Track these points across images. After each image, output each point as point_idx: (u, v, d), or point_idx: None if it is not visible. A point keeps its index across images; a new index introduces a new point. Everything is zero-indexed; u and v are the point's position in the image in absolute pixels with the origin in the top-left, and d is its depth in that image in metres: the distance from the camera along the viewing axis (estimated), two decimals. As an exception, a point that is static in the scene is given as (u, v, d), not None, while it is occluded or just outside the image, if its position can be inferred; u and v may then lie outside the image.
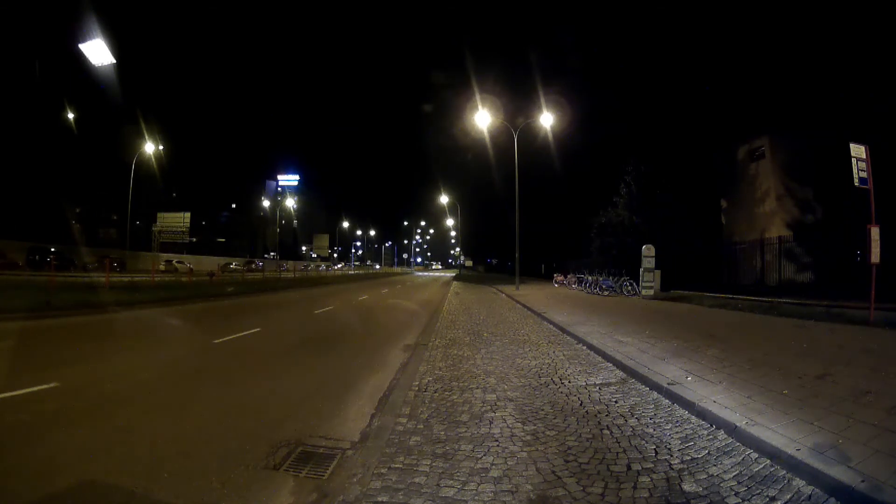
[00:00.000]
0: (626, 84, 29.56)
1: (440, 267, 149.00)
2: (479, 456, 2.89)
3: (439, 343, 7.10)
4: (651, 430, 3.28)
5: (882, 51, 14.60)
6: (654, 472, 2.61)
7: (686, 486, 2.43)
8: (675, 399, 3.90)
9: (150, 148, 37.33)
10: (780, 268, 13.21)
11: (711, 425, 3.30)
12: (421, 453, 2.94)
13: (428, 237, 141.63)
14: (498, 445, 3.05)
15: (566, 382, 4.68)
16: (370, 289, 24.62)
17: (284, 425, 3.57)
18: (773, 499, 2.29)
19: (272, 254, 71.05)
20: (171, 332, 8.80)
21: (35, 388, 4.21)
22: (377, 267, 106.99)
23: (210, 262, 43.21)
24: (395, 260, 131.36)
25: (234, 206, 78.02)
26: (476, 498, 2.38)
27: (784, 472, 2.55)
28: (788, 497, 2.30)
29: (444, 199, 56.45)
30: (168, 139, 43.71)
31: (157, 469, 2.75)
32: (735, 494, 2.33)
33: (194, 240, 50.77)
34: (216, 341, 7.16)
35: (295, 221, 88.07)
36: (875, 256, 7.14)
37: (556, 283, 24.72)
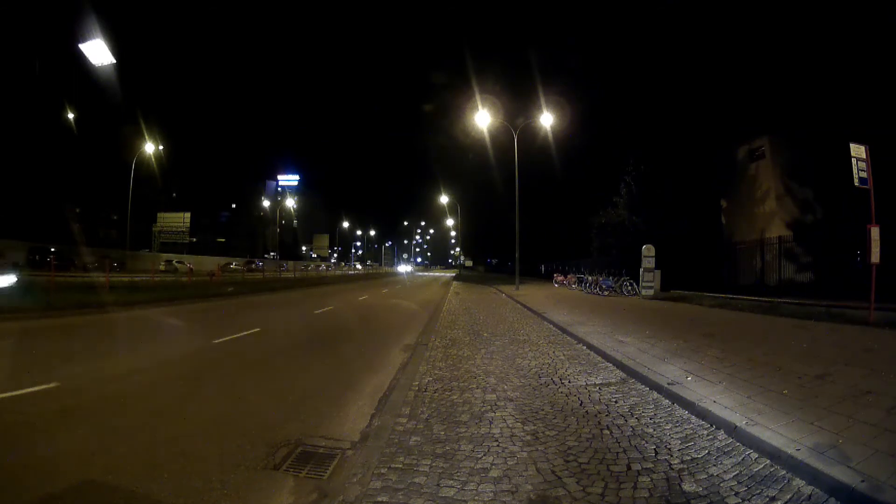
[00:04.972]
0: (627, 84, 29.51)
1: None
2: (479, 456, 2.89)
3: (439, 343, 7.10)
4: (651, 430, 3.28)
5: (882, 51, 14.60)
6: (654, 472, 2.61)
7: (686, 486, 2.43)
8: (675, 399, 3.90)
9: (149, 148, 37.34)
10: (780, 268, 13.19)
11: (711, 425, 3.30)
12: (421, 453, 2.94)
13: (428, 237, 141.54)
14: (498, 445, 3.05)
15: (566, 382, 4.68)
16: (370, 289, 24.62)
17: (284, 425, 3.57)
18: (773, 499, 2.29)
19: (272, 254, 70.99)
20: (171, 332, 8.80)
21: (35, 388, 4.21)
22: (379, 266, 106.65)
23: (210, 262, 43.13)
24: (395, 260, 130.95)
25: (234, 206, 77.87)
26: (476, 498, 2.38)
27: (784, 472, 2.55)
28: (788, 497, 2.30)
29: (444, 199, 56.54)
30: (168, 139, 43.69)
31: (157, 469, 2.75)
32: (735, 494, 2.33)
33: (194, 240, 50.65)
34: (216, 341, 7.16)
35: (295, 221, 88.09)
36: (875, 256, 7.13)
37: (556, 283, 24.70)
